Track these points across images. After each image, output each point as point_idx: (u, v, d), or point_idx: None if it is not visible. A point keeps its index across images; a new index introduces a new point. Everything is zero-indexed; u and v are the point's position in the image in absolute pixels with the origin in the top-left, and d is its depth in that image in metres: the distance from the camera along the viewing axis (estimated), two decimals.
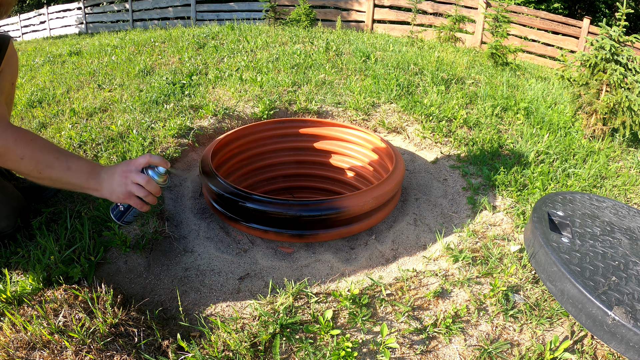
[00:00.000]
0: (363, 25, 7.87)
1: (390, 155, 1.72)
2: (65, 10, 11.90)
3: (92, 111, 2.30)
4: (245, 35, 3.91)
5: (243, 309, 1.17)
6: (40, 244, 1.22)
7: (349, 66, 2.98)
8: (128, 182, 1.04)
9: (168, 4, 9.73)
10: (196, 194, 1.67)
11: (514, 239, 1.44)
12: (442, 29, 5.83)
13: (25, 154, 0.97)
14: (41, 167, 0.99)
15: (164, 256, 1.34)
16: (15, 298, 1.05)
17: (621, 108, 2.13)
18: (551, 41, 7.26)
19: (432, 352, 1.05)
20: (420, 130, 2.17)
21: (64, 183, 1.04)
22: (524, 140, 2.06)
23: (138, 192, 1.05)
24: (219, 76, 2.73)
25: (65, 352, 0.93)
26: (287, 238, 1.42)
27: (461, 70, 3.24)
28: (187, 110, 2.22)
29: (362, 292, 1.21)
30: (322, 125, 2.04)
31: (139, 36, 4.53)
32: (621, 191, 1.81)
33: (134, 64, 3.13)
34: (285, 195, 2.11)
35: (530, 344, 1.07)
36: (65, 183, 1.04)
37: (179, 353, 0.99)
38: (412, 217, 1.62)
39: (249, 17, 8.65)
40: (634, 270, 1.11)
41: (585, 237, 1.23)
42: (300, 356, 1.00)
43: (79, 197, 1.50)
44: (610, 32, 2.20)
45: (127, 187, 1.05)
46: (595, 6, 12.24)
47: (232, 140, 1.86)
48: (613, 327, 0.94)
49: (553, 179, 1.78)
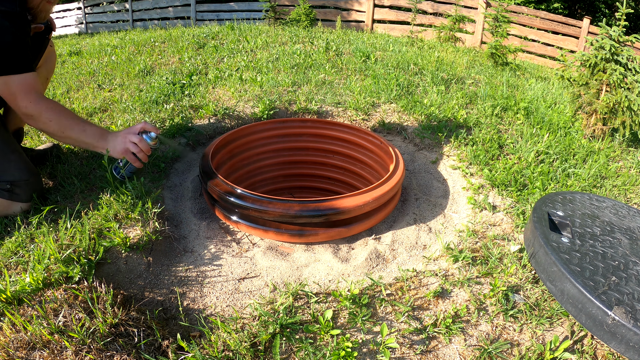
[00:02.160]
0: (363, 25, 7.87)
1: (390, 155, 1.72)
2: (65, 10, 11.89)
3: (92, 111, 2.30)
4: (245, 35, 3.91)
5: (243, 309, 1.17)
6: (40, 244, 1.22)
7: (349, 66, 2.98)
8: (126, 140, 1.44)
9: (168, 4, 9.73)
10: (196, 194, 1.67)
11: (514, 239, 1.44)
12: (442, 29, 5.83)
13: (53, 118, 1.36)
14: (64, 129, 1.38)
15: (164, 256, 1.33)
16: (15, 298, 1.05)
17: (621, 108, 2.13)
18: (551, 41, 7.26)
19: (432, 352, 1.05)
20: (420, 130, 2.17)
21: (80, 142, 1.42)
22: (524, 140, 2.06)
23: (133, 148, 1.44)
24: (219, 76, 2.73)
25: (65, 352, 0.93)
26: (287, 238, 1.42)
27: (461, 70, 3.24)
28: (187, 110, 2.22)
29: (362, 292, 1.21)
30: (322, 125, 2.03)
31: (139, 36, 4.53)
32: (621, 191, 1.81)
33: (134, 64, 3.13)
34: (286, 195, 2.11)
35: (530, 344, 1.07)
36: (81, 142, 1.42)
37: (179, 353, 0.99)
38: (412, 217, 1.62)
39: (249, 17, 8.65)
40: (634, 270, 1.11)
41: (585, 237, 1.23)
42: (300, 356, 1.00)
43: (79, 197, 1.50)
44: (610, 32, 2.20)
45: (125, 144, 1.43)
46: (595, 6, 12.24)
47: (232, 140, 1.85)
48: (613, 327, 0.94)
49: (553, 179, 1.78)
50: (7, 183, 1.39)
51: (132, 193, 1.43)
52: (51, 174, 1.68)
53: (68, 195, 1.52)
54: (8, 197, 1.40)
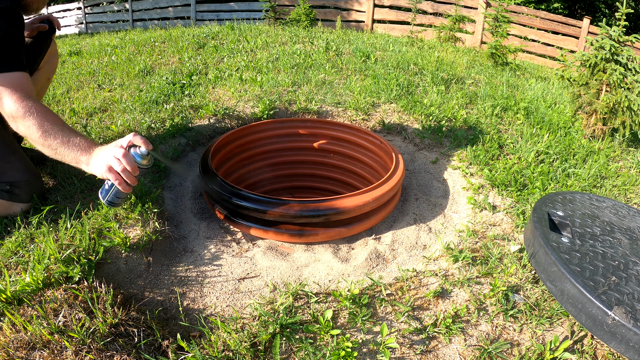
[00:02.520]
0: (363, 25, 7.86)
1: (390, 155, 1.72)
2: (65, 10, 11.89)
3: (92, 111, 2.30)
4: (245, 35, 3.91)
5: (243, 309, 1.17)
6: (40, 244, 1.22)
7: (348, 66, 2.98)
8: (109, 155, 1.16)
9: (168, 4, 9.73)
10: (196, 194, 1.67)
11: (514, 239, 1.44)
12: (442, 28, 5.83)
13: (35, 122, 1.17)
14: (45, 135, 1.17)
15: (164, 256, 1.33)
16: (15, 298, 1.05)
17: (621, 108, 2.13)
18: (551, 41, 7.26)
19: (432, 352, 1.05)
20: (420, 130, 2.17)
21: (61, 154, 1.19)
22: (524, 140, 2.06)
23: (116, 166, 1.15)
24: (218, 76, 2.73)
25: (65, 352, 0.93)
26: (287, 238, 1.42)
27: (461, 70, 3.24)
28: (187, 110, 2.22)
29: (362, 292, 1.21)
30: (322, 125, 2.03)
31: (138, 36, 4.53)
32: (621, 191, 1.81)
33: (133, 64, 3.13)
34: (286, 195, 2.11)
35: (530, 344, 1.07)
36: (62, 154, 1.19)
37: (179, 353, 0.99)
38: (412, 217, 1.62)
39: (249, 17, 8.65)
40: (634, 270, 1.11)
41: (585, 237, 1.23)
42: (300, 356, 1.00)
43: (79, 197, 1.50)
44: (610, 32, 2.20)
45: (108, 160, 1.15)
46: (595, 6, 12.24)
47: (232, 140, 1.85)
48: (613, 327, 0.94)
49: (553, 179, 1.78)
50: (6, 184, 1.39)
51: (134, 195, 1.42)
52: (51, 174, 1.68)
53: (68, 195, 1.52)
54: (8, 198, 1.40)
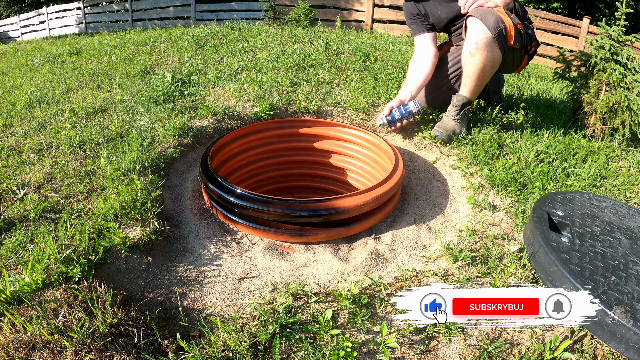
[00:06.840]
0: (363, 25, 7.86)
1: (390, 155, 1.72)
2: (64, 10, 11.89)
3: (92, 111, 2.30)
4: (244, 35, 3.91)
5: (243, 309, 1.17)
6: (39, 244, 1.22)
7: (348, 66, 2.98)
8: None
9: (168, 4, 9.73)
10: (196, 194, 1.67)
11: (513, 238, 1.44)
12: None
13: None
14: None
15: (164, 256, 1.33)
16: (15, 298, 1.05)
17: (621, 107, 2.12)
18: (551, 41, 7.26)
19: (432, 352, 1.05)
20: (420, 129, 2.17)
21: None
22: (524, 140, 2.06)
23: None
24: (218, 76, 2.73)
25: (65, 352, 0.93)
26: (287, 237, 1.42)
27: None
28: (186, 110, 2.22)
29: (361, 291, 1.21)
30: (322, 125, 2.04)
31: (138, 36, 4.53)
32: (621, 191, 1.81)
33: (133, 64, 3.13)
34: (286, 195, 2.11)
35: (530, 344, 1.07)
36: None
37: (179, 353, 0.99)
38: (412, 217, 1.62)
39: (249, 17, 8.64)
40: (634, 270, 1.11)
41: (585, 236, 1.23)
42: (300, 356, 1.00)
43: (79, 197, 1.50)
44: (610, 32, 2.19)
45: None
46: (595, 6, 12.23)
47: (232, 140, 1.86)
48: (613, 326, 0.94)
49: (553, 179, 1.78)
50: None
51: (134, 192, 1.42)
52: (51, 174, 1.68)
53: (68, 195, 1.52)
54: None
